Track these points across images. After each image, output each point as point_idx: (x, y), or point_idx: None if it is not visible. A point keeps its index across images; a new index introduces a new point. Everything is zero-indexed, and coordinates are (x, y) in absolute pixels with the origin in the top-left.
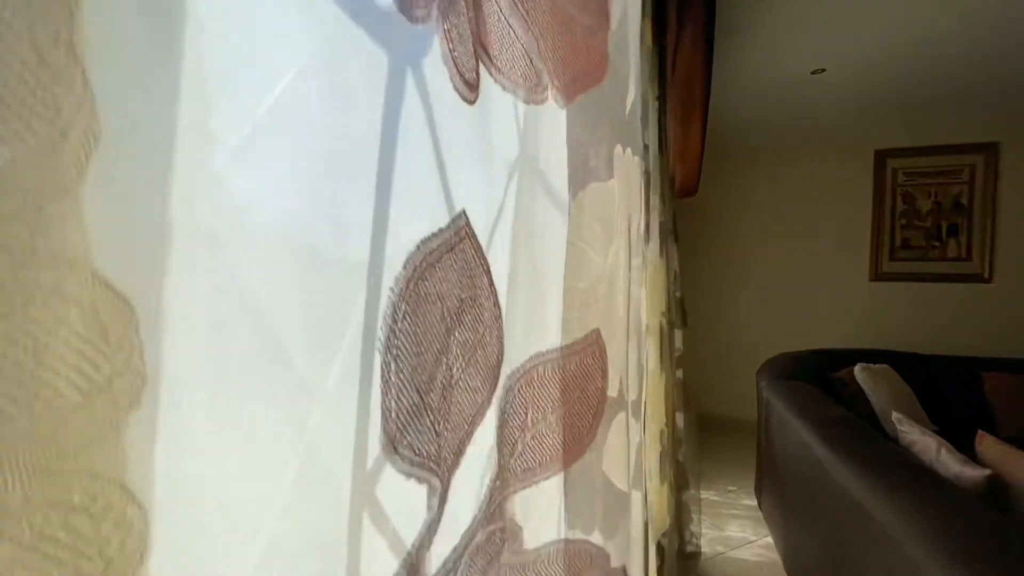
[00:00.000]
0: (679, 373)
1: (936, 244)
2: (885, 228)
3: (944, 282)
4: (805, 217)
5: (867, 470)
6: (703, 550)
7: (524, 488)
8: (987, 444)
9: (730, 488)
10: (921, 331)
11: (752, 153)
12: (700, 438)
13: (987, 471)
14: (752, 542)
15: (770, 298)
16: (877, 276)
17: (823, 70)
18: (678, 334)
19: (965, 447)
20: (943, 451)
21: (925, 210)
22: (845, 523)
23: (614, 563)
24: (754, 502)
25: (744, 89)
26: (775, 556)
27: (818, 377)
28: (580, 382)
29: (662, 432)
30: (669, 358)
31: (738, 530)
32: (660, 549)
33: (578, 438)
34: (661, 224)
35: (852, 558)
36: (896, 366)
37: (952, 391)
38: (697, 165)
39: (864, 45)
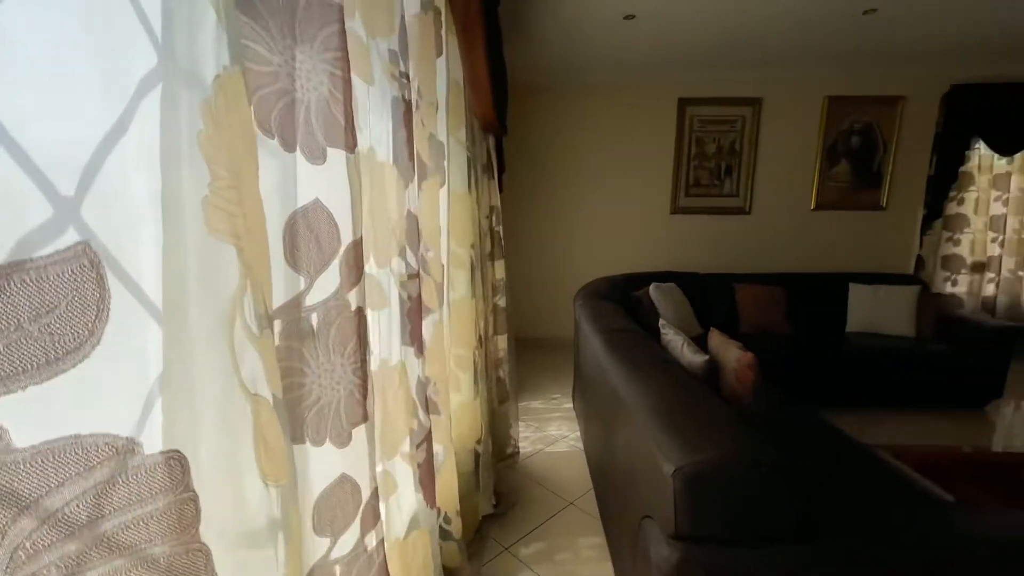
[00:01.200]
0: (500, 300)
1: (717, 182)
2: (683, 168)
3: (720, 214)
4: (621, 155)
5: (625, 363)
6: (526, 449)
7: (7, 393)
8: (713, 337)
9: (554, 396)
10: (702, 255)
11: (575, 91)
12: (533, 356)
13: (706, 357)
14: (566, 437)
15: (591, 229)
16: (676, 210)
17: (633, 16)
18: (499, 264)
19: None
20: (684, 345)
21: (711, 153)
22: (611, 408)
23: (150, 451)
24: (571, 405)
25: (561, 27)
26: (581, 445)
27: (623, 296)
28: (64, 296)
29: (474, 354)
30: (483, 286)
31: (556, 429)
32: (475, 455)
33: (78, 342)
34: (469, 159)
35: (612, 435)
36: (681, 284)
37: (715, 300)
38: (490, 98)
39: None
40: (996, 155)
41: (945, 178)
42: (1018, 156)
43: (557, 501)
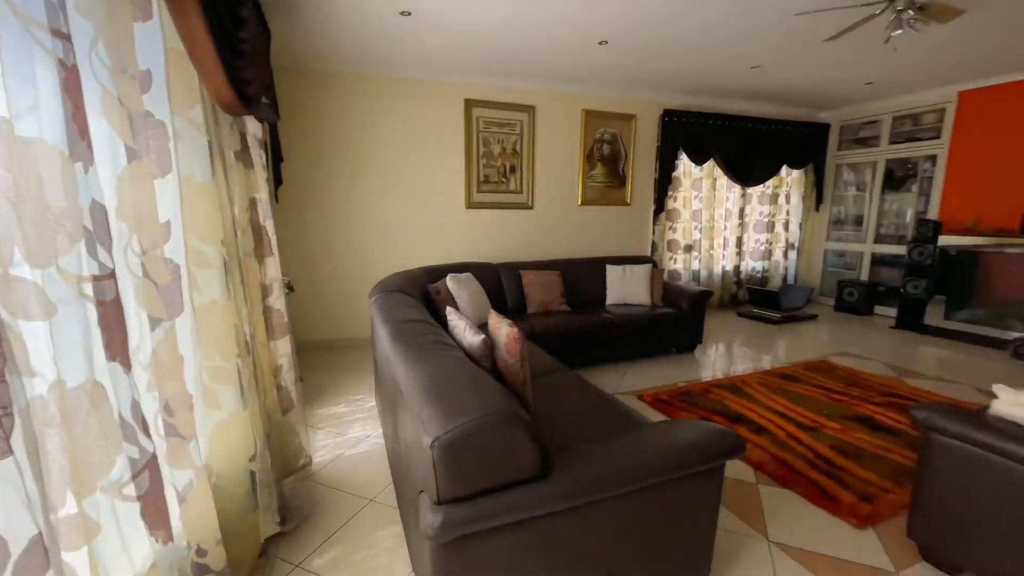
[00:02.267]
0: (276, 302)
1: (504, 180)
2: (474, 165)
3: (508, 209)
4: (417, 150)
5: (405, 351)
6: (324, 457)
7: None
8: (491, 318)
9: (357, 397)
10: (495, 246)
11: (367, 81)
12: (336, 359)
13: (482, 336)
14: (369, 436)
15: (391, 224)
16: (471, 204)
17: (409, 13)
18: (270, 263)
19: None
20: (466, 328)
21: (497, 153)
22: (395, 396)
23: None
24: (374, 403)
25: (333, 12)
26: (383, 441)
27: (421, 289)
28: None
29: (237, 364)
30: (243, 288)
31: (359, 430)
32: (250, 474)
33: None
34: (210, 144)
35: (397, 422)
36: (477, 273)
37: (507, 286)
38: (222, 75)
39: None
40: (693, 164)
41: (665, 181)
42: (706, 165)
43: (356, 502)
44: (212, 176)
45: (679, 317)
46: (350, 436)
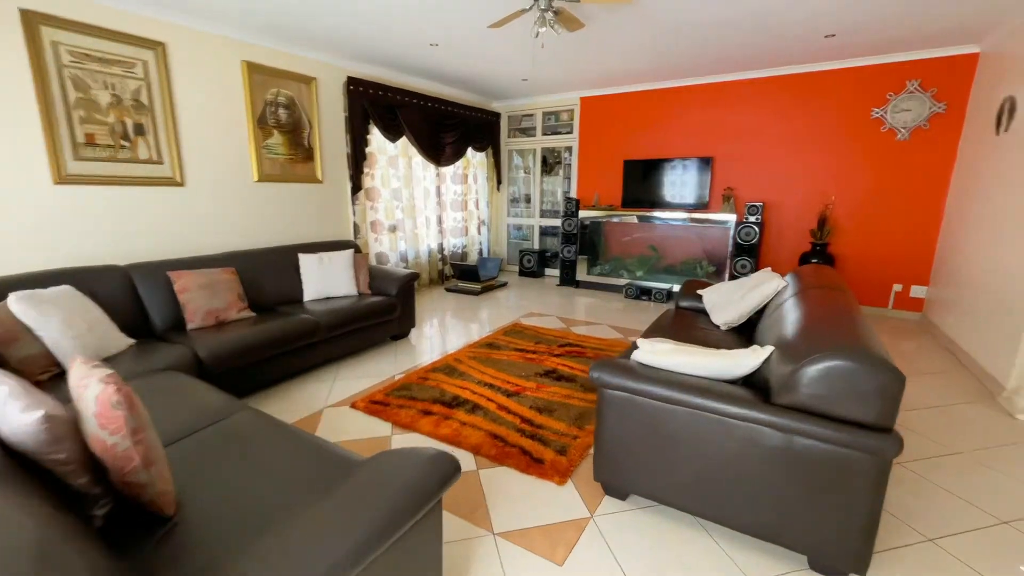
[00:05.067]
0: None
1: (126, 144)
2: (61, 119)
3: (141, 185)
4: None
5: None
6: None
7: None
8: (73, 372)
9: None
10: (121, 239)
11: None
12: None
13: (41, 413)
14: None
15: None
16: (63, 179)
17: None
18: None
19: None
20: (7, 400)
21: (106, 103)
22: None
23: None
24: None
25: None
26: None
27: None
28: None
29: None
30: None
31: None
32: None
33: None
34: None
35: None
36: (84, 285)
37: (149, 295)
38: None
39: None
40: (388, 140)
41: (359, 156)
42: (400, 143)
43: None
44: None
45: (390, 304)
46: None
